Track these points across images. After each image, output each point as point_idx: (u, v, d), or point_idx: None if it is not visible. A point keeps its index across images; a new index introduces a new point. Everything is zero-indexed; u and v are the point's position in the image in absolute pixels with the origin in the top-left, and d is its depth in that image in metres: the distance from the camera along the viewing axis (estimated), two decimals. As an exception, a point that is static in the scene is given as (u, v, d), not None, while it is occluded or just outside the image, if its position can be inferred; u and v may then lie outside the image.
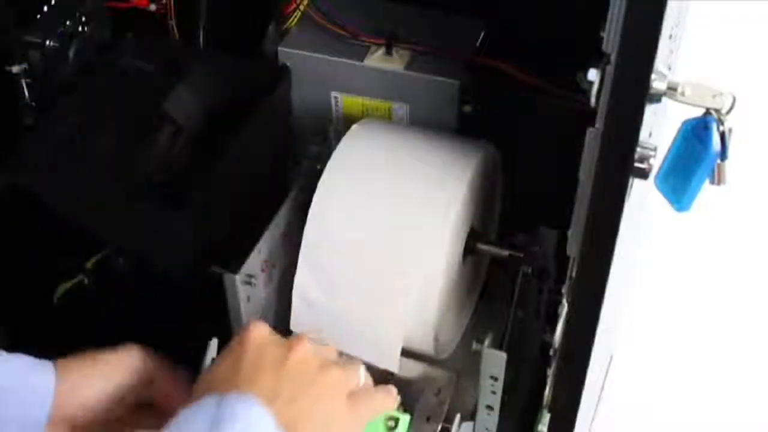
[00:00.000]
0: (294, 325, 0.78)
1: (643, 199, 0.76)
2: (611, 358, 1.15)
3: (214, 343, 0.73)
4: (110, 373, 0.67)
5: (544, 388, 0.69)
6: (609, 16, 0.47)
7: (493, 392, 0.74)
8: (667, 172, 0.55)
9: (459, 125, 0.84)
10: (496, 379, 0.72)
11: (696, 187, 0.55)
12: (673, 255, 1.48)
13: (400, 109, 0.85)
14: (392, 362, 0.75)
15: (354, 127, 0.79)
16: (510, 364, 0.71)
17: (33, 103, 0.83)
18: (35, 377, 0.64)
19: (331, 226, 0.75)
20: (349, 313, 0.75)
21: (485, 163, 0.78)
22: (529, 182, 0.83)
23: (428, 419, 0.75)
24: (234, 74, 0.88)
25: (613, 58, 0.48)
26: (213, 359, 0.72)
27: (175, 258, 0.81)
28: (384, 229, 0.74)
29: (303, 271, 0.76)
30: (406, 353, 0.77)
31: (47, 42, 0.83)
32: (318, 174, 0.77)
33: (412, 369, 0.79)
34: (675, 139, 0.55)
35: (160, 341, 0.70)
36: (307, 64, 0.85)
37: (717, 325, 1.41)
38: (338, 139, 0.80)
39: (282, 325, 0.83)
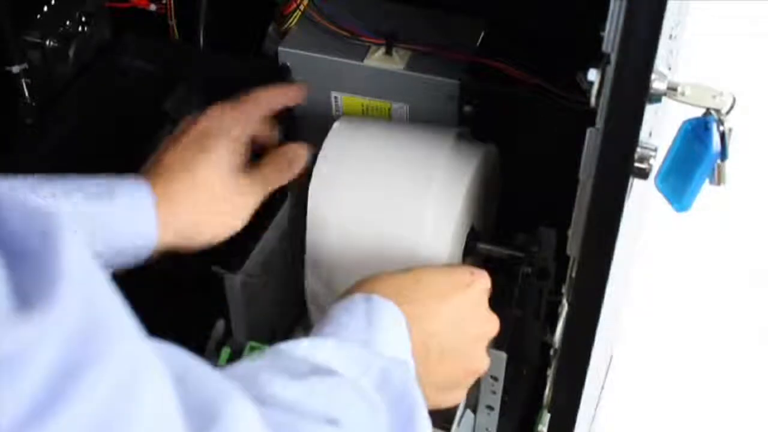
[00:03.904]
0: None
1: (643, 199, 0.76)
2: (611, 358, 1.15)
3: (220, 324, 0.73)
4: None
5: (544, 388, 0.69)
6: (609, 16, 0.47)
7: (493, 392, 0.74)
8: (667, 172, 0.55)
9: (459, 125, 0.84)
10: (496, 379, 0.72)
11: (696, 187, 0.55)
12: (673, 255, 1.48)
13: (400, 109, 0.85)
14: None
15: (336, 125, 0.79)
16: (510, 364, 0.71)
17: (33, 103, 0.83)
18: (138, 222, 0.67)
19: (332, 231, 0.74)
20: None
21: (485, 163, 0.78)
22: (529, 182, 0.83)
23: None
24: (234, 74, 0.88)
25: (613, 58, 0.48)
26: (218, 342, 0.73)
27: (175, 258, 0.81)
28: (384, 231, 0.73)
29: (311, 279, 0.76)
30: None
31: (47, 42, 0.83)
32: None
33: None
34: (675, 139, 0.55)
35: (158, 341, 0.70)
36: (307, 64, 0.85)
37: (717, 325, 1.41)
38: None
39: (282, 324, 0.83)
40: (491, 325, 0.65)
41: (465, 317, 0.63)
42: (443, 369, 0.61)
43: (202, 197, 0.70)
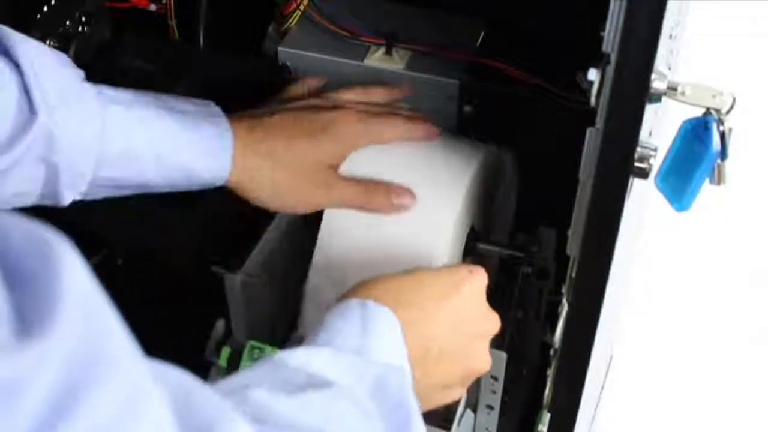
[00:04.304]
0: (301, 327, 0.78)
1: (643, 199, 0.76)
2: (611, 358, 1.15)
3: (220, 324, 0.73)
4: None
5: (544, 388, 0.69)
6: (609, 16, 0.47)
7: (493, 392, 0.74)
8: (667, 172, 0.55)
9: (459, 125, 0.84)
10: (496, 379, 0.73)
11: (696, 187, 0.55)
12: (673, 255, 1.48)
13: (400, 109, 0.85)
14: None
15: None
16: (510, 364, 0.71)
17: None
18: (215, 153, 0.70)
19: (341, 228, 0.74)
20: None
21: (486, 164, 0.78)
22: (528, 182, 0.83)
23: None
24: (234, 74, 0.88)
25: (613, 58, 0.48)
26: (218, 342, 0.73)
27: (177, 257, 0.81)
28: (387, 230, 0.73)
29: (314, 275, 0.75)
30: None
31: (47, 42, 0.83)
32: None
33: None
34: (675, 139, 0.55)
35: (159, 341, 0.70)
36: (307, 64, 0.85)
37: (717, 325, 1.41)
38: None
39: (282, 324, 0.83)
40: (491, 323, 0.65)
41: (464, 318, 0.63)
42: (442, 370, 0.61)
43: (285, 172, 0.72)
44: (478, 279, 0.65)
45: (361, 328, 0.56)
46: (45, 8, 0.83)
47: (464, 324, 0.63)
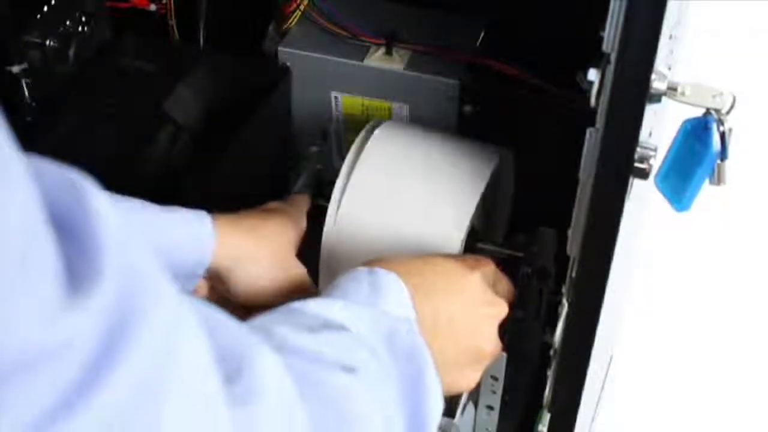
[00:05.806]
0: None
1: (643, 199, 0.76)
2: (611, 358, 1.15)
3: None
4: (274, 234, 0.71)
5: (544, 388, 0.69)
6: (609, 16, 0.47)
7: (493, 392, 0.74)
8: (667, 172, 0.55)
9: (459, 125, 0.84)
10: (496, 379, 0.73)
11: (696, 187, 0.55)
12: (673, 255, 1.48)
13: (400, 109, 0.85)
14: None
15: (377, 132, 0.77)
16: (510, 364, 0.71)
17: (33, 103, 0.83)
18: (195, 228, 0.66)
19: (350, 226, 0.74)
20: None
21: (495, 168, 0.77)
22: (529, 182, 0.83)
23: None
24: (234, 74, 0.88)
25: (613, 58, 0.48)
26: None
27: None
28: (395, 233, 0.73)
29: (323, 277, 0.75)
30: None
31: (47, 42, 0.83)
32: (317, 174, 0.76)
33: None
34: (675, 139, 0.55)
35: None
36: (307, 64, 0.85)
37: (717, 325, 1.41)
38: (338, 139, 0.79)
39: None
40: (500, 306, 0.66)
41: (473, 297, 0.64)
42: (453, 343, 0.62)
43: (266, 247, 0.71)
44: (485, 267, 0.66)
45: (369, 290, 0.57)
46: (45, 8, 0.83)
47: (474, 302, 0.64)
